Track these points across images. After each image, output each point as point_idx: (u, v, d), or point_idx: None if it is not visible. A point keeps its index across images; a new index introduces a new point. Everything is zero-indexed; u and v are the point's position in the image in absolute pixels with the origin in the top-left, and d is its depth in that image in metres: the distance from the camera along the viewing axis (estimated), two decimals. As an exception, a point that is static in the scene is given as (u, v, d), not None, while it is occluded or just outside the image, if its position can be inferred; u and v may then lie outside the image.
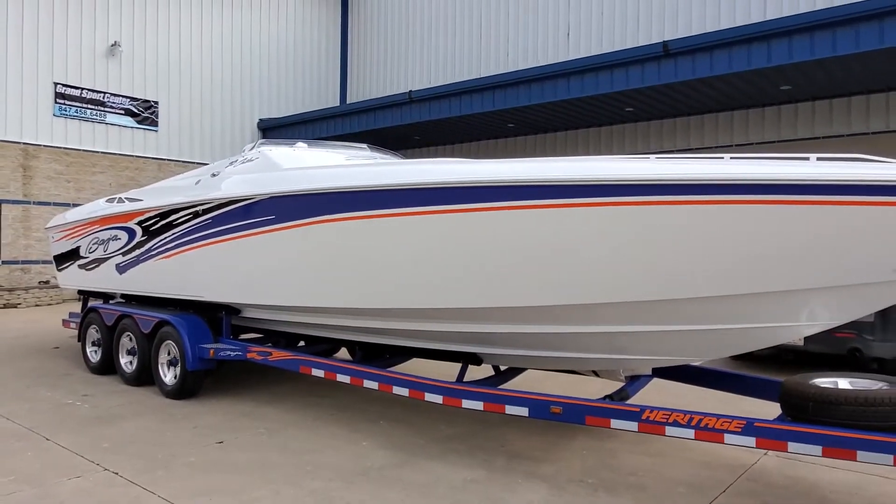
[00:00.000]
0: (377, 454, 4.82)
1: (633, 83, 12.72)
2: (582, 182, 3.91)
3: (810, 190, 3.49)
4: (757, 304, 3.93)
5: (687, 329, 4.19)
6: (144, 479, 4.28)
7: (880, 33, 10.00)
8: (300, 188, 5.17)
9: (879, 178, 3.35)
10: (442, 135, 18.09)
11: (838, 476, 4.43)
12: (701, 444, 4.99)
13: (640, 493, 4.12)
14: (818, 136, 13.27)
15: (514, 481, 4.30)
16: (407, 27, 20.71)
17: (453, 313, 4.63)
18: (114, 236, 7.42)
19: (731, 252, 3.71)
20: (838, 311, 3.92)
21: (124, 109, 17.29)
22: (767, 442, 3.65)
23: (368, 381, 5.16)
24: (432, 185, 4.37)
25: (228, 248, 5.88)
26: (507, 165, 4.33)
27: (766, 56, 11.09)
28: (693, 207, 3.72)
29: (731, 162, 3.83)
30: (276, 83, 20.82)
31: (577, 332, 4.35)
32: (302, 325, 6.14)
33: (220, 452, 4.85)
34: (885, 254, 3.50)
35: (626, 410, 4.08)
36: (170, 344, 6.46)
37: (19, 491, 4.06)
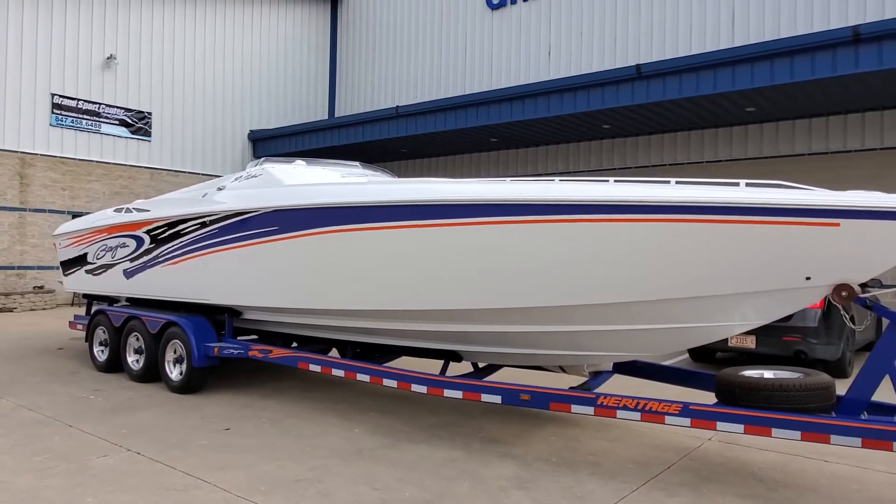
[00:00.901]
0: (369, 438, 5.45)
1: (608, 103, 13.50)
2: (549, 202, 4.58)
3: (739, 211, 4.19)
4: (696, 307, 4.62)
5: (639, 328, 4.88)
6: (164, 457, 4.87)
7: (833, 62, 10.86)
8: (302, 203, 5.80)
9: (793, 202, 4.06)
10: (427, 148, 18.79)
11: (768, 457, 5.13)
12: (654, 431, 5.69)
13: (597, 469, 4.78)
14: (782, 155, 14.14)
15: (489, 459, 4.95)
16: (394, 44, 21.43)
17: (434, 314, 5.29)
18: (122, 244, 7.98)
19: (675, 262, 4.39)
20: (764, 312, 4.62)
21: (119, 120, 17.79)
22: (700, 422, 4.34)
23: (361, 375, 5.79)
24: (417, 202, 5.05)
25: (233, 256, 6.49)
26: (480, 186, 5.03)
27: (730, 81, 11.91)
28: (642, 225, 4.40)
29: (675, 186, 4.54)
30: (266, 96, 21.42)
31: (544, 331, 5.02)
32: (298, 325, 6.76)
33: (228, 437, 5.45)
34: (798, 265, 4.20)
35: (584, 397, 4.75)
36: (176, 343, 7.04)
37: (57, 466, 4.64)
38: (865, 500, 4.29)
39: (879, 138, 13.05)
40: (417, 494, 4.22)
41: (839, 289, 4.20)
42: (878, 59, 10.41)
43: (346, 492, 4.25)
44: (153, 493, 4.19)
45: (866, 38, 10.41)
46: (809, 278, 4.23)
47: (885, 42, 10.33)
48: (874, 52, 10.44)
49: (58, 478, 4.43)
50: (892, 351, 4.14)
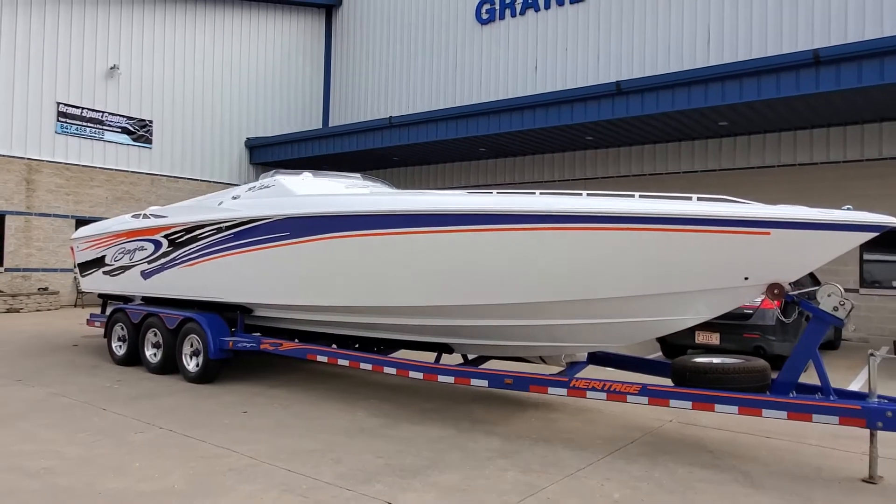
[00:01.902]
0: (370, 420, 6.18)
1: (590, 116, 14.33)
2: (529, 213, 5.35)
3: (689, 222, 4.97)
4: (656, 303, 5.40)
5: (608, 321, 5.65)
6: (193, 433, 5.58)
7: (796, 82, 11.73)
8: (312, 211, 6.54)
9: (732, 214, 4.85)
10: (419, 157, 19.55)
11: (719, 434, 5.91)
12: (623, 414, 6.46)
13: (570, 443, 5.54)
14: (753, 167, 15.03)
15: (476, 436, 5.69)
16: (387, 56, 22.20)
17: (428, 310, 6.04)
18: (140, 247, 8.67)
19: (637, 265, 5.15)
20: (712, 307, 5.41)
21: (121, 128, 18.42)
22: (656, 400, 5.11)
23: (364, 364, 6.53)
24: (412, 212, 5.81)
25: (248, 258, 7.21)
26: (468, 198, 5.79)
27: (703, 97, 12.77)
28: (609, 233, 5.17)
29: (638, 200, 5.32)
30: (262, 105, 22.11)
31: (524, 325, 5.78)
32: (304, 321, 7.47)
33: (246, 418, 6.16)
34: (738, 267, 4.99)
35: (559, 380, 5.52)
36: (193, 337, 7.74)
37: (100, 440, 5.34)
38: (795, 465, 5.08)
39: (843, 152, 13.95)
40: (415, 461, 4.96)
41: (772, 287, 5.00)
42: (837, 80, 11.29)
43: (354, 459, 4.98)
44: (190, 459, 4.90)
45: (825, 60, 11.29)
46: (747, 278, 5.03)
47: (843, 64, 11.22)
48: (833, 74, 11.32)
49: (104, 448, 5.13)
50: (815, 341, 4.94)
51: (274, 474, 4.60)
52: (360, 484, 4.44)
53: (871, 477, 4.72)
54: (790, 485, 4.62)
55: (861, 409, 4.52)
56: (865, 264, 13.82)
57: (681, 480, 4.66)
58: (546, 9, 18.31)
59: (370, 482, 4.48)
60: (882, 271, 13.75)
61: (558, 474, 4.72)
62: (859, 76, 11.09)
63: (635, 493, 4.40)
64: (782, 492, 4.48)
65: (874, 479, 4.71)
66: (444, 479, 4.57)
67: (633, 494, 4.37)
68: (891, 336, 13.23)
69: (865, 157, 13.73)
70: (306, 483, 4.44)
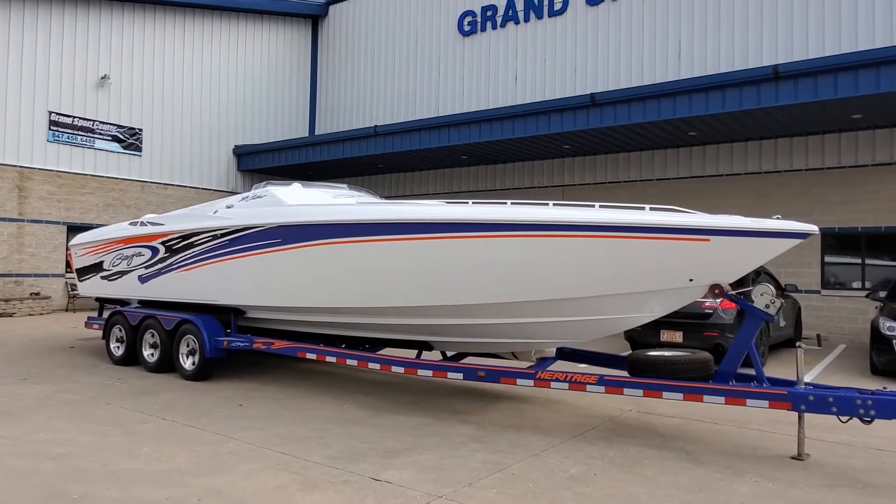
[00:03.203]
0: (356, 411, 6.75)
1: (567, 126, 15.01)
2: (501, 222, 5.94)
3: (640, 230, 5.58)
4: (614, 302, 6.01)
5: (571, 319, 6.25)
6: (195, 423, 6.12)
7: (758, 95, 12.47)
8: (302, 220, 7.10)
9: (677, 223, 5.47)
10: (403, 164, 20.14)
11: (672, 422, 6.54)
12: (588, 404, 7.08)
13: (536, 429, 6.14)
14: (721, 174, 15.78)
15: (453, 425, 6.27)
16: (372, 66, 22.80)
17: (408, 310, 6.63)
18: (138, 253, 9.17)
19: (596, 268, 5.75)
20: (664, 306, 6.03)
21: (111, 136, 18.85)
22: (612, 389, 5.71)
23: (350, 360, 7.10)
24: (395, 220, 6.39)
25: (241, 263, 7.75)
26: (446, 208, 6.38)
27: (671, 109, 13.49)
28: (571, 240, 5.77)
29: (597, 210, 5.93)
30: (250, 113, 22.61)
31: (497, 323, 6.37)
32: (294, 322, 8.02)
33: (243, 410, 6.70)
34: (683, 270, 5.62)
35: (526, 373, 6.13)
36: (190, 338, 8.26)
37: (109, 430, 5.86)
38: (735, 445, 5.71)
39: (804, 160, 14.73)
40: (397, 445, 5.53)
41: (713, 287, 5.64)
42: (795, 93, 12.04)
43: (342, 444, 5.54)
44: (194, 444, 5.44)
45: (784, 75, 12.05)
46: (692, 280, 5.66)
47: (800, 79, 11.98)
48: (791, 88, 12.07)
49: (114, 437, 5.66)
50: (750, 335, 5.58)
51: (270, 456, 5.16)
52: (347, 463, 5.01)
53: (799, 454, 5.36)
54: (725, 460, 5.25)
55: (787, 394, 5.16)
56: (827, 267, 14.60)
57: (631, 458, 5.27)
58: (526, 21, 19.00)
59: (356, 462, 5.05)
60: (842, 273, 14.53)
61: (524, 454, 5.32)
62: (815, 90, 11.85)
63: (590, 468, 5.00)
64: (717, 465, 5.10)
65: (801, 456, 5.35)
66: (422, 459, 5.14)
67: (587, 469, 4.97)
68: (850, 335, 14.00)
69: (826, 165, 14.51)
70: (299, 463, 5.00)
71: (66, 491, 4.39)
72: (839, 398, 5.00)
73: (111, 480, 4.59)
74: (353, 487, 4.50)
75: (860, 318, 13.91)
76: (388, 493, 4.40)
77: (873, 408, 4.89)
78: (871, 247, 14.17)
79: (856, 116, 12.98)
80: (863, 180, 14.06)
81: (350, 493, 4.39)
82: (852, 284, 14.35)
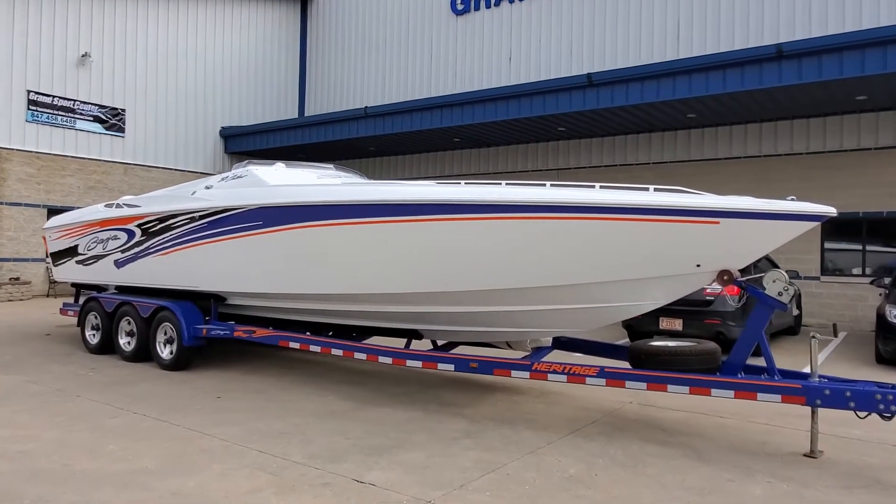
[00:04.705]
0: (341, 403, 6.37)
1: (562, 108, 14.57)
2: (492, 203, 5.54)
3: (645, 212, 5.20)
4: (614, 289, 5.63)
5: (569, 307, 5.88)
6: (167, 417, 5.73)
7: (760, 75, 12.06)
8: (284, 201, 6.68)
9: (684, 205, 5.08)
10: (394, 147, 19.66)
11: (674, 415, 6.20)
12: (586, 396, 6.73)
13: (532, 424, 5.78)
14: (720, 158, 15.40)
15: (443, 418, 5.91)
16: (363, 46, 22.22)
17: (395, 297, 6.24)
18: (113, 236, 8.73)
19: (597, 253, 5.36)
20: (668, 293, 5.65)
21: (93, 116, 18.27)
22: (613, 381, 5.35)
23: (335, 350, 6.71)
24: (382, 201, 5.98)
25: (221, 247, 7.33)
26: (436, 188, 5.98)
27: (671, 90, 13.06)
28: (570, 222, 5.38)
29: (598, 190, 5.54)
30: (237, 94, 22.02)
31: (489, 311, 5.99)
32: (277, 309, 7.62)
33: (221, 403, 6.32)
34: (690, 255, 5.24)
35: (522, 364, 5.76)
36: (167, 325, 7.85)
37: (76, 424, 5.47)
38: (742, 441, 5.38)
39: (805, 143, 14.37)
40: (383, 442, 5.16)
41: (721, 274, 5.27)
42: (798, 73, 11.64)
43: (324, 440, 5.17)
44: (164, 441, 5.06)
45: (788, 55, 11.63)
46: (699, 265, 5.28)
47: (804, 59, 11.57)
48: (795, 68, 11.67)
49: (80, 432, 5.26)
50: (761, 324, 5.22)
51: (245, 455, 4.78)
52: (329, 463, 4.64)
53: (812, 451, 5.03)
54: (734, 458, 4.91)
55: (801, 387, 4.82)
56: (826, 253, 14.29)
57: (633, 456, 4.93)
58: (521, 0, 18.47)
59: (338, 461, 4.68)
60: (842, 259, 14.24)
61: (519, 452, 4.96)
62: (819, 70, 11.45)
63: (590, 467, 4.65)
64: (726, 464, 4.77)
65: (814, 453, 5.02)
66: (410, 458, 4.78)
67: (587, 469, 4.62)
68: (850, 322, 13.73)
69: (828, 148, 14.15)
70: (276, 462, 4.62)
71: (19, 494, 4.01)
72: (857, 392, 4.66)
73: (70, 482, 4.20)
74: (333, 490, 4.13)
75: (860, 305, 13.63)
76: (372, 498, 4.03)
77: (895, 402, 4.55)
78: (872, 232, 13.86)
79: (860, 98, 12.60)
80: (865, 164, 13.71)
81: (330, 498, 4.02)
82: (852, 271, 14.06)
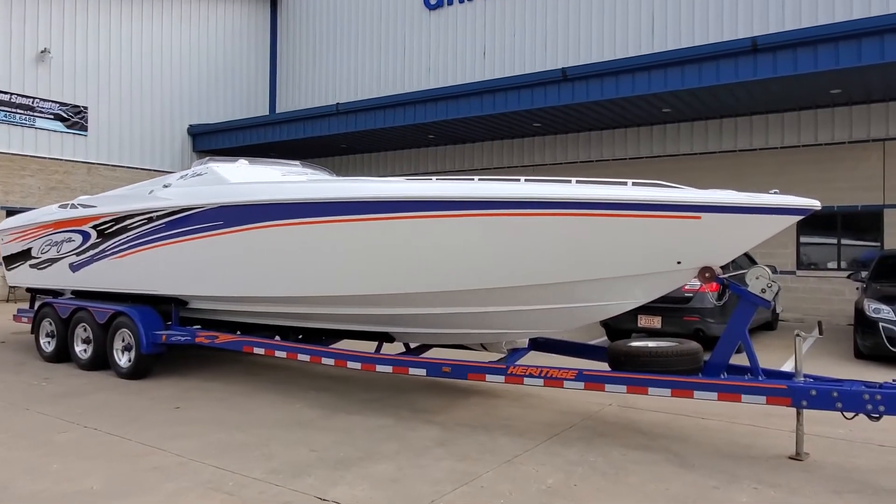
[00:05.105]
0: (308, 412, 6.05)
1: (537, 103, 14.36)
2: (458, 198, 5.27)
3: (623, 206, 4.96)
4: (591, 288, 5.39)
5: (544, 308, 5.63)
6: (121, 431, 5.36)
7: (735, 69, 11.95)
8: (246, 199, 6.33)
9: (664, 199, 4.85)
10: (367, 144, 19.31)
11: (655, 416, 5.98)
12: (564, 398, 6.49)
13: (508, 430, 5.52)
14: (696, 153, 15.32)
15: (415, 425, 5.63)
16: (334, 41, 21.81)
17: (364, 299, 5.93)
18: (68, 238, 8.29)
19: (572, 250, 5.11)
20: (647, 292, 5.42)
21: (53, 114, 17.64)
22: (592, 384, 5.12)
23: (302, 355, 6.38)
24: (347, 199, 5.68)
25: (180, 249, 6.95)
26: (404, 185, 5.70)
27: (646, 84, 12.91)
28: (544, 219, 5.12)
29: (574, 185, 5.29)
30: (206, 91, 21.47)
31: (462, 313, 5.72)
32: (241, 313, 7.27)
33: (179, 413, 5.96)
34: (670, 252, 5.01)
35: (496, 367, 5.49)
36: (124, 332, 7.44)
37: (20, 441, 5.08)
38: (726, 444, 5.17)
39: (780, 138, 14.33)
40: (350, 453, 4.86)
41: (703, 271, 5.04)
42: (773, 67, 11.55)
43: (287, 453, 4.85)
44: (113, 458, 4.70)
45: (763, 48, 11.54)
46: (680, 262, 5.06)
47: (779, 52, 11.48)
48: (770, 61, 11.58)
49: (23, 451, 4.88)
50: (744, 322, 5.02)
51: (201, 472, 4.45)
52: (291, 479, 4.32)
53: (798, 454, 4.84)
54: (718, 463, 4.70)
55: (787, 388, 4.62)
56: (802, 247, 14.28)
57: (614, 463, 4.69)
58: (494, -6, 18.22)
59: (301, 476, 4.37)
60: (818, 254, 14.23)
61: (494, 461, 4.70)
62: (794, 64, 11.37)
63: (569, 476, 4.40)
64: (710, 469, 4.55)
65: (800, 455, 4.83)
66: (378, 471, 4.48)
67: (566, 478, 4.37)
68: (826, 316, 13.72)
69: (802, 142, 14.13)
70: (234, 480, 4.30)
71: (-54, 524, 3.64)
72: (845, 393, 4.47)
73: (4, 508, 3.84)
74: (294, 510, 3.83)
75: (836, 299, 13.63)
76: (336, 518, 3.74)
77: (883, 403, 4.37)
78: (847, 226, 13.87)
79: (834, 91, 12.57)
80: (839, 158, 13.71)
81: (290, 519, 3.71)
82: (828, 265, 14.06)
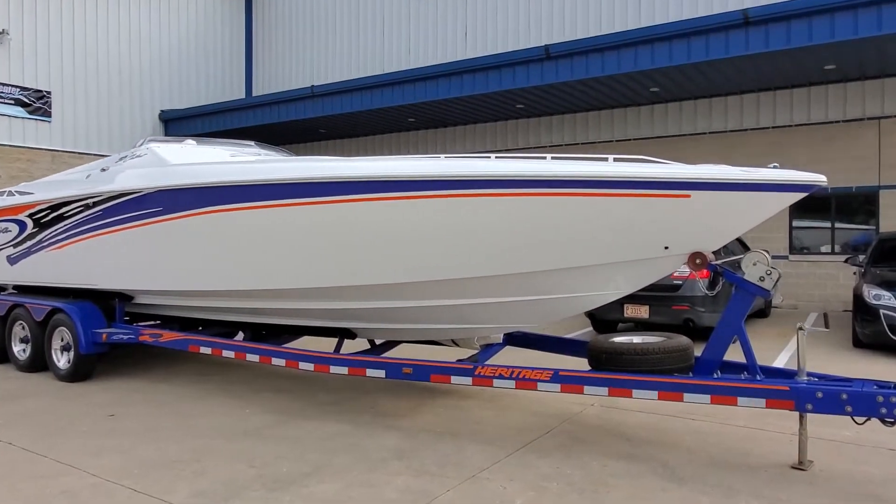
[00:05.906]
0: (258, 418, 5.44)
1: (520, 82, 13.70)
2: (428, 178, 4.64)
3: (603, 185, 4.36)
4: (570, 277, 4.80)
5: (519, 300, 5.03)
6: (39, 446, 4.73)
7: (726, 44, 11.35)
8: (185, 182, 5.68)
9: (648, 175, 4.25)
10: (345, 129, 18.59)
11: (640, 418, 5.42)
12: (542, 398, 5.90)
13: (477, 437, 4.94)
14: (685, 133, 14.73)
15: (375, 432, 5.03)
16: (312, 21, 20.99)
17: (320, 292, 5.31)
18: (4, 228, 7.61)
19: (548, 235, 4.52)
20: (632, 280, 4.83)
21: (14, 99, 16.80)
22: (569, 387, 4.53)
23: (250, 355, 5.77)
24: (295, 180, 5.04)
25: (119, 238, 6.30)
26: (362, 163, 5.06)
27: (632, 61, 12.27)
28: (516, 199, 4.52)
29: (549, 161, 4.68)
30: (178, 75, 20.62)
31: (423, 306, 5.12)
32: (191, 308, 6.63)
33: (113, 422, 5.33)
34: (657, 235, 4.42)
35: (463, 368, 4.89)
36: (63, 330, 6.80)
37: (-85, 460, 4.44)
38: (720, 450, 4.62)
39: (772, 117, 13.77)
40: (294, 468, 4.26)
41: (693, 257, 4.45)
42: (766, 41, 10.95)
43: (222, 469, 4.25)
44: (20, 480, 4.08)
45: (755, 21, 10.93)
46: (668, 248, 4.46)
47: (772, 25, 10.87)
48: (762, 35, 10.97)
49: (-84, 471, 4.25)
50: (741, 314, 4.44)
51: (116, 495, 3.83)
52: (219, 503, 3.72)
53: (801, 463, 4.29)
54: (712, 474, 4.14)
55: (790, 390, 4.05)
56: (794, 231, 13.76)
57: (594, 476, 4.11)
58: (475, -29, 17.49)
59: (231, 499, 3.76)
60: (811, 237, 13.72)
61: (457, 477, 4.11)
62: (788, 37, 10.78)
63: (541, 495, 3.82)
64: (702, 483, 3.99)
65: (804, 464, 4.28)
66: (322, 490, 3.89)
67: (537, 497, 3.79)
68: (820, 302, 13.24)
69: (794, 122, 13.57)
70: (152, 505, 3.70)
71: None
72: (855, 395, 3.91)
73: None
74: (212, 546, 3.23)
75: (830, 284, 13.14)
76: (260, 555, 3.14)
77: (899, 406, 3.81)
78: (841, 209, 13.36)
79: (828, 67, 12.00)
80: (833, 137, 13.16)
81: (205, 558, 3.11)
82: (821, 249, 13.55)
